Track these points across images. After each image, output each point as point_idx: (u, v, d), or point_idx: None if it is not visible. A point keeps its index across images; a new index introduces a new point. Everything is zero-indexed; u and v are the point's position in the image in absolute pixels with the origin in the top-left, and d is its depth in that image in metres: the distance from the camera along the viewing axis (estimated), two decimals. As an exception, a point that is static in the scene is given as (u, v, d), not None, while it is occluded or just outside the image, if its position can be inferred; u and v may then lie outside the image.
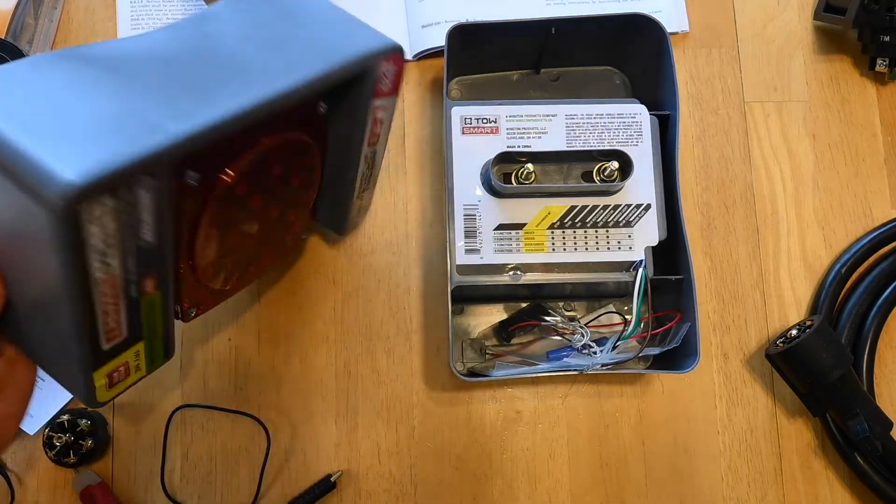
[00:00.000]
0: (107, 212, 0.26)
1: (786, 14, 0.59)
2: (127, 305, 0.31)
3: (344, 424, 0.51)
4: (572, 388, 0.53)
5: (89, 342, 0.30)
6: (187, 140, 0.28)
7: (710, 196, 0.56)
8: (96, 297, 0.29)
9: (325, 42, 0.36)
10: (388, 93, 0.40)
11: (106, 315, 0.30)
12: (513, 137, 0.50)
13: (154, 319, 0.34)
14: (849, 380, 0.49)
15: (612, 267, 0.49)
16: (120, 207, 0.27)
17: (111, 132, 0.27)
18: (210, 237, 0.36)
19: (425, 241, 0.54)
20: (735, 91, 0.57)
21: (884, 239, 0.54)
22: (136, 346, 0.34)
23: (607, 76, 0.56)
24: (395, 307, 0.53)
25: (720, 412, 0.52)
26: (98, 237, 0.27)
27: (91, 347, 0.31)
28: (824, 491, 0.52)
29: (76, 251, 0.26)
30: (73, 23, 0.57)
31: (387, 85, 0.40)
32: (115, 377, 0.34)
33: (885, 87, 0.58)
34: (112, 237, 0.28)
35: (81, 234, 0.26)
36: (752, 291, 0.54)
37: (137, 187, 0.27)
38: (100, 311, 0.30)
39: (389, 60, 0.38)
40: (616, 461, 0.52)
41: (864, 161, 0.56)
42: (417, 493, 0.51)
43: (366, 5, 0.57)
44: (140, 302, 0.32)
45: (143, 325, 0.34)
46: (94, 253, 0.27)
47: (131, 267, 0.30)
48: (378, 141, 0.43)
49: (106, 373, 0.33)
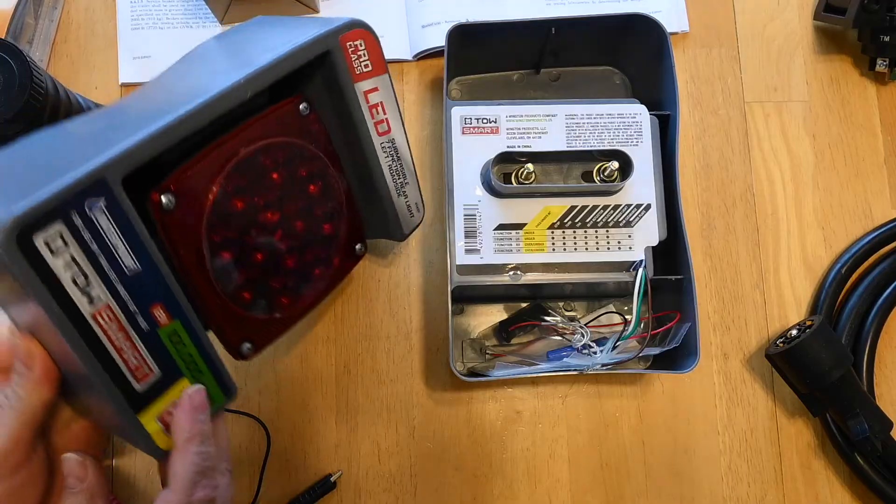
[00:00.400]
0: (60, 238, 0.28)
1: (786, 14, 0.59)
2: (143, 339, 0.32)
3: (344, 424, 0.51)
4: (572, 388, 0.53)
5: (115, 382, 0.31)
6: (121, 156, 0.29)
7: (710, 196, 0.56)
8: (99, 333, 0.30)
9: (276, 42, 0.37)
10: (371, 72, 0.39)
11: (121, 351, 0.31)
12: (513, 137, 0.49)
13: (188, 353, 0.34)
14: (849, 380, 0.49)
15: (612, 267, 0.49)
16: (76, 233, 0.28)
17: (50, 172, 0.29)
18: (226, 260, 0.36)
19: (425, 241, 0.54)
20: (735, 91, 0.57)
21: (884, 239, 0.54)
22: (179, 383, 0.34)
23: (607, 76, 0.56)
24: (395, 307, 0.53)
25: (720, 412, 0.52)
26: (64, 267, 0.28)
27: (121, 387, 0.31)
28: (824, 491, 0.52)
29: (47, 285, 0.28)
30: (73, 23, 0.57)
31: (364, 64, 0.39)
32: (169, 421, 0.34)
33: (885, 87, 0.58)
34: (82, 266, 0.29)
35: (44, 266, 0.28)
36: (752, 291, 0.54)
37: (90, 210, 0.29)
38: (112, 348, 0.31)
39: (353, 37, 0.38)
40: (616, 461, 0.52)
41: (864, 161, 0.56)
42: (417, 493, 0.51)
43: (366, 5, 0.57)
44: (159, 334, 0.33)
45: (176, 360, 0.34)
46: (70, 285, 0.29)
47: (125, 296, 0.31)
48: (390, 128, 0.42)
49: (155, 416, 0.33)
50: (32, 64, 0.43)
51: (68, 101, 0.47)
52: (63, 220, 0.28)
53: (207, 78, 0.36)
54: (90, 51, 0.57)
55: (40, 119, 0.44)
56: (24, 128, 0.43)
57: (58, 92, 0.46)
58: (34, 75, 0.43)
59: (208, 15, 0.57)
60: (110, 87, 0.56)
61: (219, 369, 0.36)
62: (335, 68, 0.38)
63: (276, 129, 0.37)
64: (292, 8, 0.56)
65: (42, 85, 0.44)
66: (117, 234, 0.30)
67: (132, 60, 0.56)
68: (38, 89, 0.43)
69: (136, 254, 0.31)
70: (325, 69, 0.38)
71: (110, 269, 0.30)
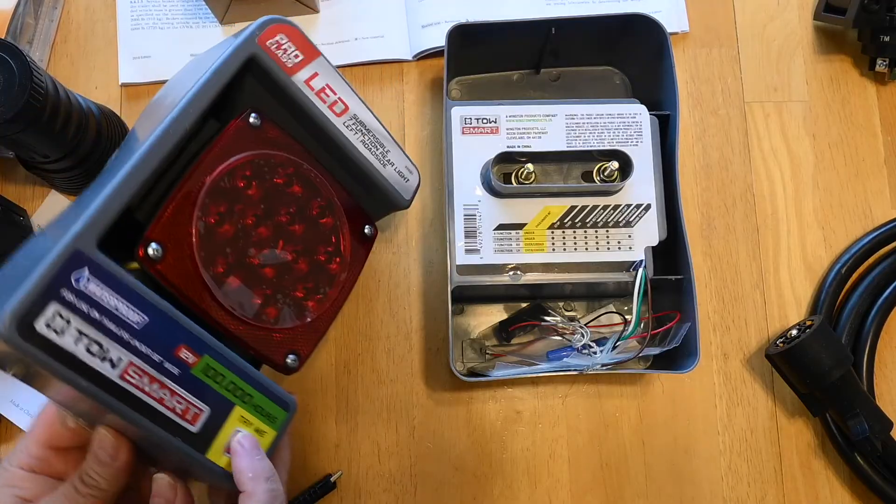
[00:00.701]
0: (59, 318, 0.29)
1: (786, 14, 0.59)
2: (178, 383, 0.33)
3: (344, 424, 0.51)
4: (572, 388, 0.53)
5: (169, 430, 0.32)
6: (86, 227, 0.30)
7: (710, 196, 0.56)
8: (135, 392, 0.31)
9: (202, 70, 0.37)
10: (304, 61, 0.39)
11: (162, 401, 0.32)
12: (513, 137, 0.49)
13: (230, 382, 0.35)
14: (849, 380, 0.49)
15: (612, 267, 0.49)
16: (72, 309, 0.29)
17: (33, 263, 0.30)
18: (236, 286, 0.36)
19: (425, 241, 0.54)
20: (735, 91, 0.57)
21: (884, 239, 0.54)
22: (235, 412, 0.35)
23: (607, 76, 0.56)
24: (395, 307, 0.53)
25: (720, 412, 0.52)
26: (74, 342, 0.29)
27: (177, 434, 0.32)
28: (824, 491, 0.52)
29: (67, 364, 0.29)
30: (73, 23, 0.57)
31: (294, 55, 0.39)
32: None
33: (885, 87, 0.58)
34: (91, 334, 0.30)
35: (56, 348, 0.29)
36: (752, 291, 0.54)
37: (79, 284, 0.30)
38: (151, 400, 0.32)
39: (270, 34, 0.38)
40: (616, 461, 0.52)
41: (864, 161, 0.56)
42: (417, 493, 0.51)
43: (366, 6, 0.57)
44: (193, 374, 0.33)
45: (221, 393, 0.34)
46: (87, 356, 0.30)
47: (144, 349, 0.32)
48: (347, 105, 0.41)
49: (223, 450, 0.34)
50: (32, 64, 0.43)
51: (68, 101, 0.47)
52: (56, 300, 0.29)
53: (151, 126, 0.36)
54: (90, 51, 0.57)
55: (40, 119, 0.44)
56: (24, 128, 0.43)
57: (58, 92, 0.46)
58: (34, 75, 0.43)
59: (208, 15, 0.57)
60: (110, 87, 0.56)
61: (268, 388, 0.37)
62: (266, 71, 0.38)
63: (234, 149, 0.37)
64: (292, 8, 0.56)
65: (42, 85, 0.44)
66: (113, 295, 0.31)
67: (132, 60, 0.56)
68: (38, 89, 0.43)
69: (139, 307, 0.32)
70: (258, 76, 0.38)
71: (119, 329, 0.31)
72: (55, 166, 0.50)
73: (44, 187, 0.54)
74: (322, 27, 0.57)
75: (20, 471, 0.35)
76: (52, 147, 0.47)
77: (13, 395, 0.50)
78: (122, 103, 0.56)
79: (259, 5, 0.55)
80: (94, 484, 0.33)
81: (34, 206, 0.54)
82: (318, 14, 0.57)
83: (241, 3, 0.55)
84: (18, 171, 0.54)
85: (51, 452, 0.35)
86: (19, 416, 0.50)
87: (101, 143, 0.51)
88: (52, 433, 0.35)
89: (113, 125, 0.52)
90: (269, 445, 0.37)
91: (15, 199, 0.53)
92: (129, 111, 0.56)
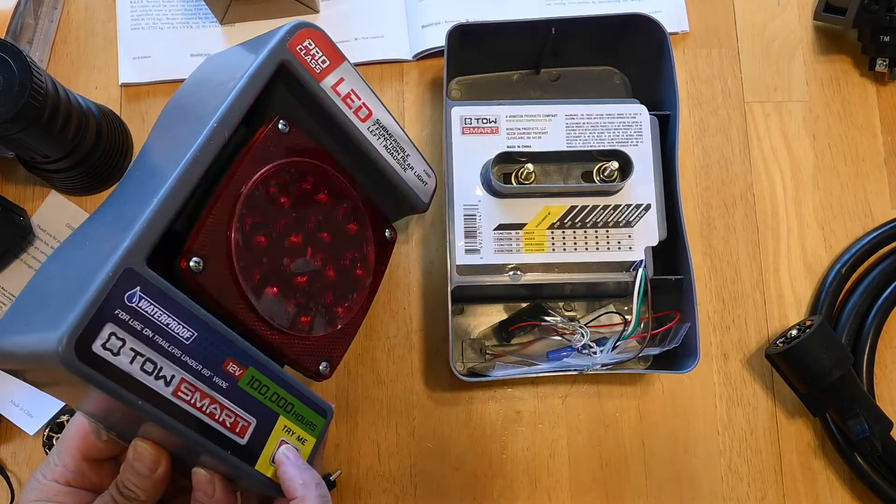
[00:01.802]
0: (113, 339, 0.29)
1: (786, 14, 0.59)
2: (227, 397, 0.33)
3: (344, 424, 0.51)
4: (572, 388, 0.53)
5: (222, 446, 0.32)
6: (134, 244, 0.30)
7: (710, 196, 0.56)
8: (187, 408, 0.31)
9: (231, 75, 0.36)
10: (330, 66, 0.39)
11: (214, 416, 0.32)
12: (513, 137, 0.49)
13: (273, 393, 0.35)
14: (849, 380, 0.49)
15: (612, 267, 0.49)
16: (126, 328, 0.29)
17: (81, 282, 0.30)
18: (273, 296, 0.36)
19: (425, 241, 0.54)
20: (735, 91, 0.57)
21: (884, 239, 0.54)
22: (279, 423, 0.35)
23: (607, 76, 0.56)
24: (395, 307, 0.53)
25: (720, 412, 0.52)
26: (129, 362, 0.29)
27: (228, 448, 0.33)
28: (824, 491, 0.52)
29: (123, 384, 0.29)
30: (73, 23, 0.57)
31: (321, 60, 0.39)
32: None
33: (885, 87, 0.58)
34: (145, 353, 0.30)
35: (112, 368, 0.29)
36: (752, 291, 0.54)
37: (130, 302, 0.30)
38: (204, 416, 0.32)
39: (300, 40, 0.37)
40: (616, 461, 0.52)
41: (864, 161, 0.56)
42: (417, 493, 0.51)
43: (366, 6, 0.57)
44: (240, 387, 0.33)
45: (266, 404, 0.35)
46: (141, 375, 0.30)
47: (194, 365, 0.32)
48: (370, 111, 0.42)
49: (269, 459, 0.35)
50: (32, 64, 0.43)
51: (68, 101, 0.47)
52: (111, 321, 0.29)
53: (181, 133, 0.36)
54: (90, 51, 0.57)
55: (40, 119, 0.44)
56: (24, 128, 0.43)
57: (58, 92, 0.46)
58: (34, 75, 0.43)
59: (208, 15, 0.57)
60: (110, 87, 0.56)
61: (307, 396, 0.37)
62: (296, 77, 0.38)
63: (266, 156, 0.37)
64: (292, 8, 0.56)
65: (42, 85, 0.44)
66: (164, 312, 0.31)
67: (132, 60, 0.56)
68: (38, 89, 0.43)
69: (188, 323, 0.32)
70: (287, 82, 0.38)
71: (171, 346, 0.31)
72: (55, 166, 0.50)
73: (44, 187, 0.54)
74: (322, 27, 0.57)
75: (56, 485, 0.35)
76: (52, 147, 0.47)
77: (13, 395, 0.50)
78: (122, 103, 0.56)
79: (259, 5, 0.55)
80: (133, 496, 0.33)
81: (34, 207, 0.54)
82: (318, 14, 0.57)
83: (241, 3, 0.55)
84: (18, 171, 0.54)
85: (85, 465, 0.35)
86: (20, 416, 0.50)
87: (101, 143, 0.51)
88: (87, 446, 0.35)
89: (113, 125, 0.53)
90: (309, 452, 0.37)
91: (15, 199, 0.53)
92: (129, 111, 0.56)
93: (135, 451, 0.33)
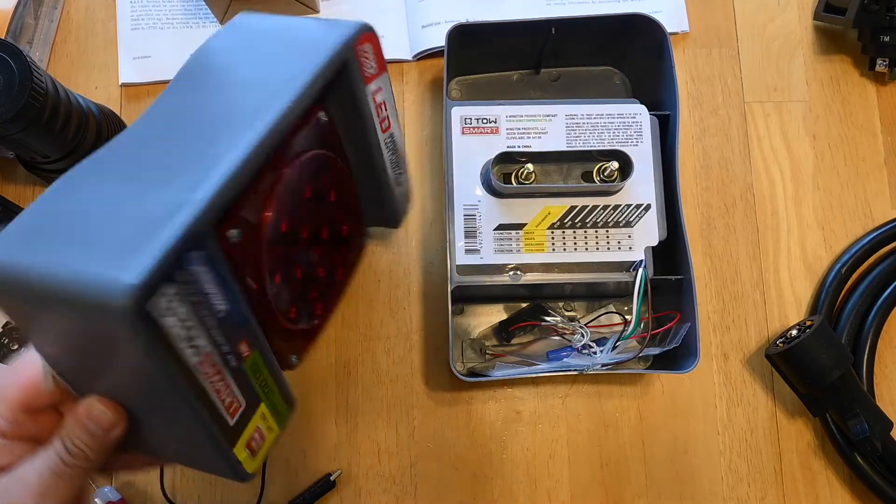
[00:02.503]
0: (173, 299, 0.27)
1: (786, 14, 0.59)
2: (233, 376, 0.32)
3: (344, 424, 0.51)
4: (572, 388, 0.53)
5: (216, 425, 0.31)
6: (213, 203, 0.28)
7: (710, 196, 0.56)
8: (203, 382, 0.30)
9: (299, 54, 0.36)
10: (376, 74, 0.39)
11: (219, 393, 0.31)
12: (513, 137, 0.50)
13: (263, 378, 0.35)
14: (849, 380, 0.49)
15: (612, 267, 0.49)
16: (183, 291, 0.27)
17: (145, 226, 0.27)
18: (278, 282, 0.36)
19: (425, 241, 0.54)
20: (735, 91, 0.57)
21: (884, 239, 0.54)
22: (259, 409, 0.35)
23: (607, 76, 0.56)
24: (395, 307, 0.53)
25: (720, 412, 0.52)
26: (177, 327, 0.27)
27: (220, 429, 0.31)
28: (824, 491, 0.52)
29: (166, 348, 0.27)
30: (73, 23, 0.57)
31: (372, 67, 0.39)
32: (254, 445, 0.34)
33: (885, 87, 0.58)
34: (189, 321, 0.28)
35: (161, 330, 0.27)
36: (752, 291, 0.54)
37: (190, 265, 0.28)
38: (212, 393, 0.30)
39: (364, 42, 0.38)
40: (616, 461, 0.52)
41: (864, 161, 0.56)
42: (417, 493, 0.51)
43: (366, 6, 0.57)
44: (244, 368, 0.33)
45: (255, 388, 0.34)
46: (181, 342, 0.28)
47: (220, 340, 0.31)
48: (390, 124, 0.42)
49: (244, 445, 0.33)
50: (32, 64, 0.43)
51: (68, 101, 0.47)
52: (174, 281, 0.27)
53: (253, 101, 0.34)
54: (90, 51, 0.57)
55: (40, 119, 0.44)
56: (24, 128, 0.43)
57: (58, 92, 0.46)
58: (34, 75, 0.43)
59: (208, 15, 0.57)
60: (110, 87, 0.56)
61: (284, 385, 0.36)
62: (350, 76, 0.38)
63: (306, 143, 0.37)
64: (292, 8, 0.56)
65: (42, 85, 0.44)
66: (212, 280, 0.29)
67: (132, 60, 0.56)
68: (38, 89, 0.43)
69: (226, 296, 0.30)
70: (338, 79, 0.38)
71: (208, 317, 0.29)
72: (55, 166, 0.50)
73: (44, 187, 0.54)
74: (322, 27, 0.57)
75: None
76: (52, 147, 0.47)
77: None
78: (122, 103, 0.56)
79: (259, 5, 0.55)
80: (83, 455, 0.30)
81: (34, 206, 0.54)
82: (319, 14, 0.57)
83: (241, 3, 0.55)
84: (18, 171, 0.54)
85: (25, 416, 0.32)
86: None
87: (101, 143, 0.51)
88: (32, 395, 0.31)
89: (113, 125, 0.53)
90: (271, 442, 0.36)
91: (15, 199, 0.53)
92: (129, 111, 0.56)
93: (89, 409, 0.30)
